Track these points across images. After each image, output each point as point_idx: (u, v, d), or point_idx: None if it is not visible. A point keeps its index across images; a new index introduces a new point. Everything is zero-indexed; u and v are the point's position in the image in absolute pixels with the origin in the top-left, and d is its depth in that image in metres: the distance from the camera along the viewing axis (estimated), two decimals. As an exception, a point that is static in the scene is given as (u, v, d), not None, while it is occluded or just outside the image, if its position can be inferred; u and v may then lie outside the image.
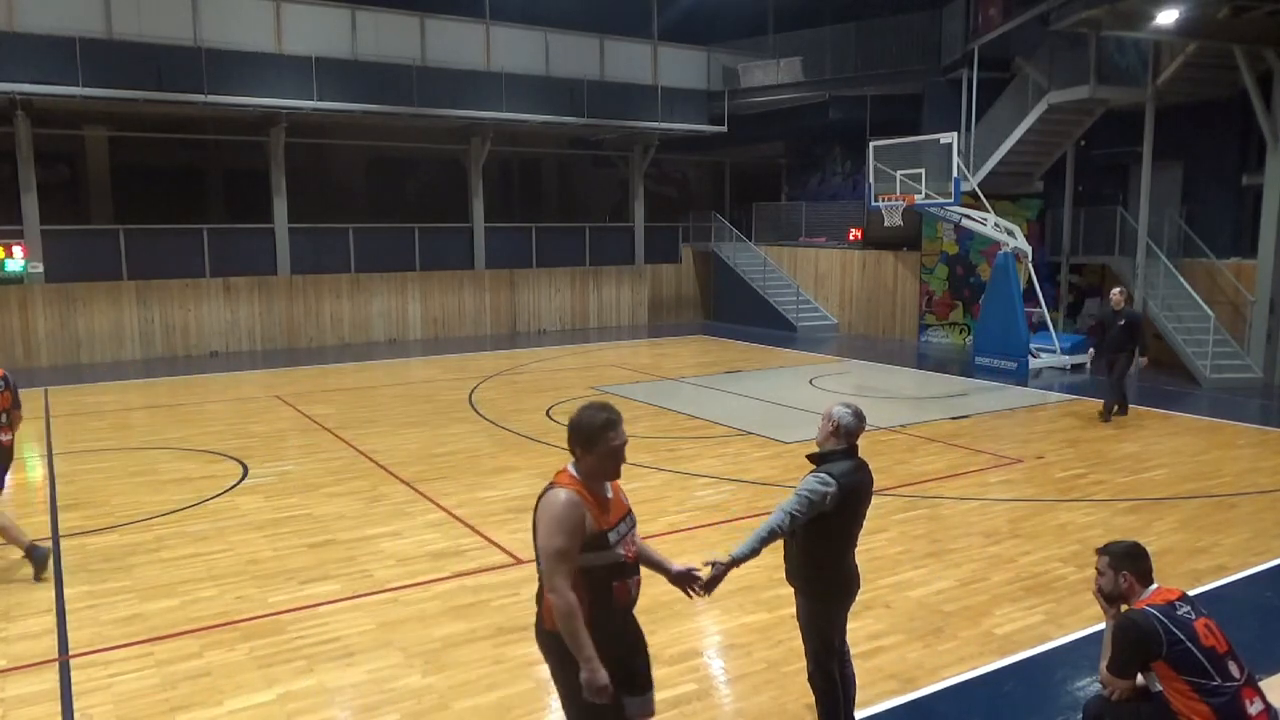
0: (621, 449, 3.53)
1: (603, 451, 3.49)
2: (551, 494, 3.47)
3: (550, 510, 3.42)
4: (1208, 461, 10.14)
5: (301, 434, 11.61)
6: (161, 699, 5.03)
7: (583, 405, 3.62)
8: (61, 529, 7.93)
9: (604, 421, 3.51)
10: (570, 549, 3.38)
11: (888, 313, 21.75)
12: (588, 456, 3.51)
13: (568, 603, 3.34)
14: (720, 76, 23.58)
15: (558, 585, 3.36)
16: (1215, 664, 3.69)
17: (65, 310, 17.69)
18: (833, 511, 4.12)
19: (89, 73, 16.17)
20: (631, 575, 3.62)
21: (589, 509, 3.44)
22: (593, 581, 3.44)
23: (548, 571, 3.40)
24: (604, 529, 3.47)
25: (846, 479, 4.15)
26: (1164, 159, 16.44)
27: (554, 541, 3.37)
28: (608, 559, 3.48)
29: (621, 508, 3.64)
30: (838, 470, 4.16)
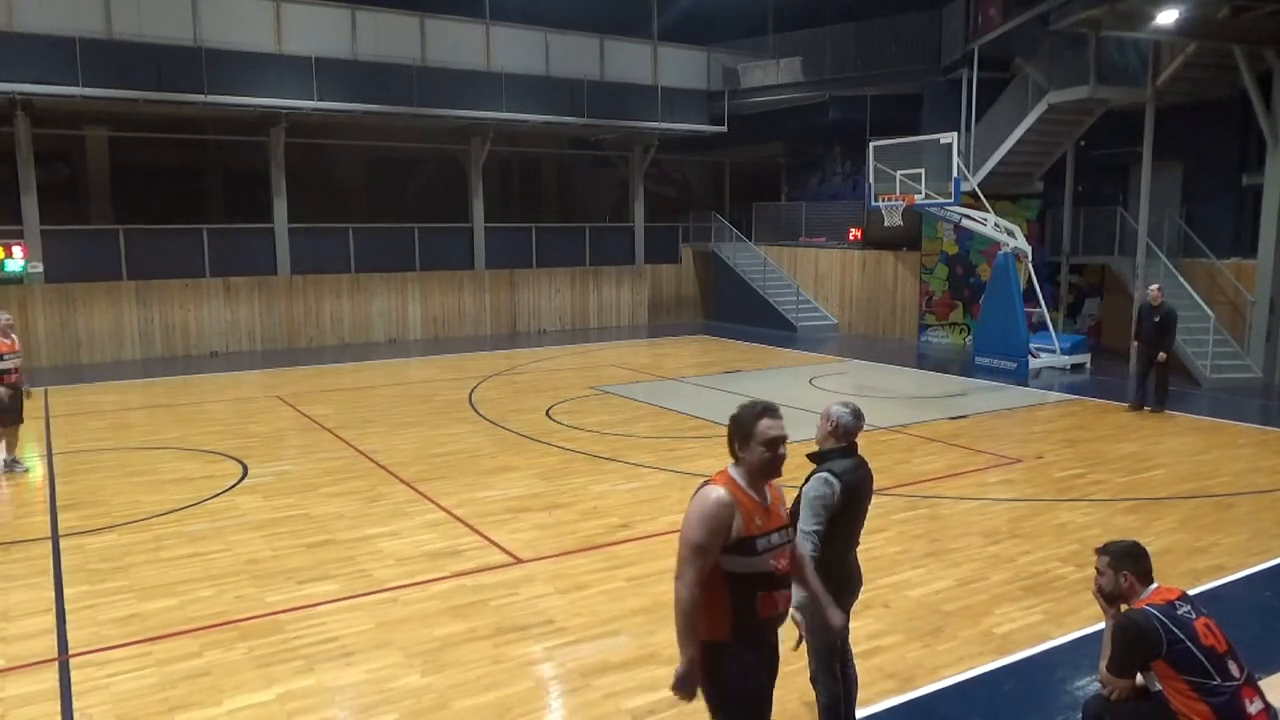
0: (777, 440, 3.37)
1: (757, 443, 3.35)
2: (704, 490, 3.37)
3: (698, 505, 3.33)
4: (1207, 461, 10.14)
5: (301, 434, 11.61)
6: (160, 699, 5.03)
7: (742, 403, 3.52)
8: (61, 529, 7.93)
9: (759, 410, 3.40)
10: (709, 546, 3.28)
11: (888, 313, 21.75)
12: (744, 452, 3.39)
13: (690, 595, 3.28)
14: (720, 76, 23.58)
15: (685, 575, 3.30)
16: (1215, 663, 3.69)
17: (65, 310, 17.69)
18: (837, 509, 4.12)
19: (89, 73, 16.17)
20: (780, 589, 3.45)
21: (740, 511, 3.32)
22: (736, 588, 3.33)
23: (681, 561, 3.32)
24: (752, 534, 3.34)
25: (848, 477, 4.15)
26: (1164, 159, 16.44)
27: (693, 535, 3.29)
28: (754, 567, 3.35)
29: (779, 519, 3.49)
30: (839, 469, 4.17)
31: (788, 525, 3.55)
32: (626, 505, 8.52)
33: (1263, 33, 13.96)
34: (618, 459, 10.21)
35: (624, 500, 8.69)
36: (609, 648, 5.63)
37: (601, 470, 9.77)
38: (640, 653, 5.56)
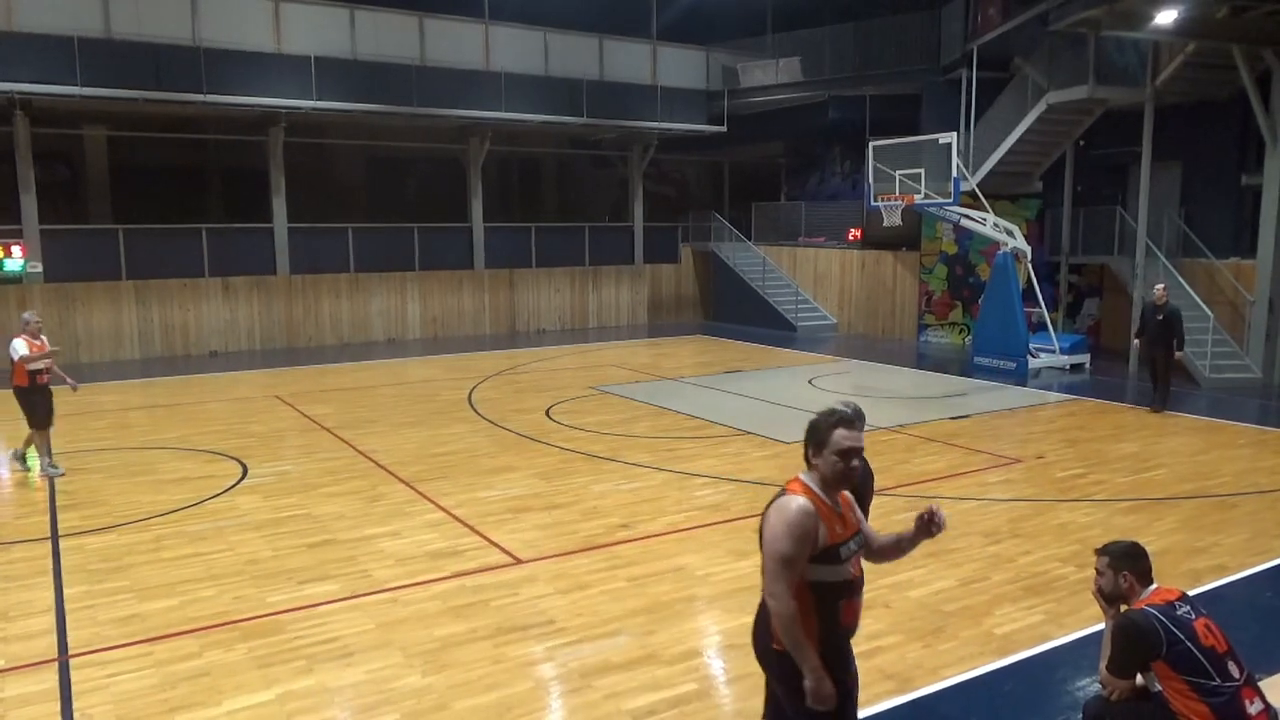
0: (852, 451, 3.34)
1: (831, 452, 3.34)
2: (784, 500, 3.34)
3: (781, 515, 3.28)
4: (1207, 461, 10.15)
5: (301, 434, 11.60)
6: (161, 699, 5.03)
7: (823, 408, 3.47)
8: (61, 529, 7.92)
9: (837, 419, 3.37)
10: (797, 557, 3.25)
11: (887, 313, 21.76)
12: (817, 460, 3.38)
13: (789, 609, 3.23)
14: (719, 76, 23.58)
15: (778, 592, 3.24)
16: (1215, 664, 3.69)
17: (64, 310, 17.67)
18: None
19: (88, 72, 16.16)
20: (858, 595, 3.48)
21: (823, 520, 3.31)
22: (821, 598, 3.32)
23: (771, 577, 3.27)
24: (836, 542, 3.34)
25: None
26: (1163, 159, 16.45)
27: (780, 546, 3.24)
28: (838, 575, 3.36)
29: (853, 525, 3.49)
30: None
31: (859, 531, 3.53)
32: (627, 505, 8.52)
33: (1261, 33, 13.97)
34: (617, 459, 10.21)
35: (624, 500, 8.69)
36: (610, 648, 5.63)
37: (601, 470, 9.77)
38: (641, 653, 5.56)
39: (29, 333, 9.64)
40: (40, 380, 9.59)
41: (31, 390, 9.56)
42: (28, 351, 9.46)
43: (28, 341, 9.55)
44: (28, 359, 9.46)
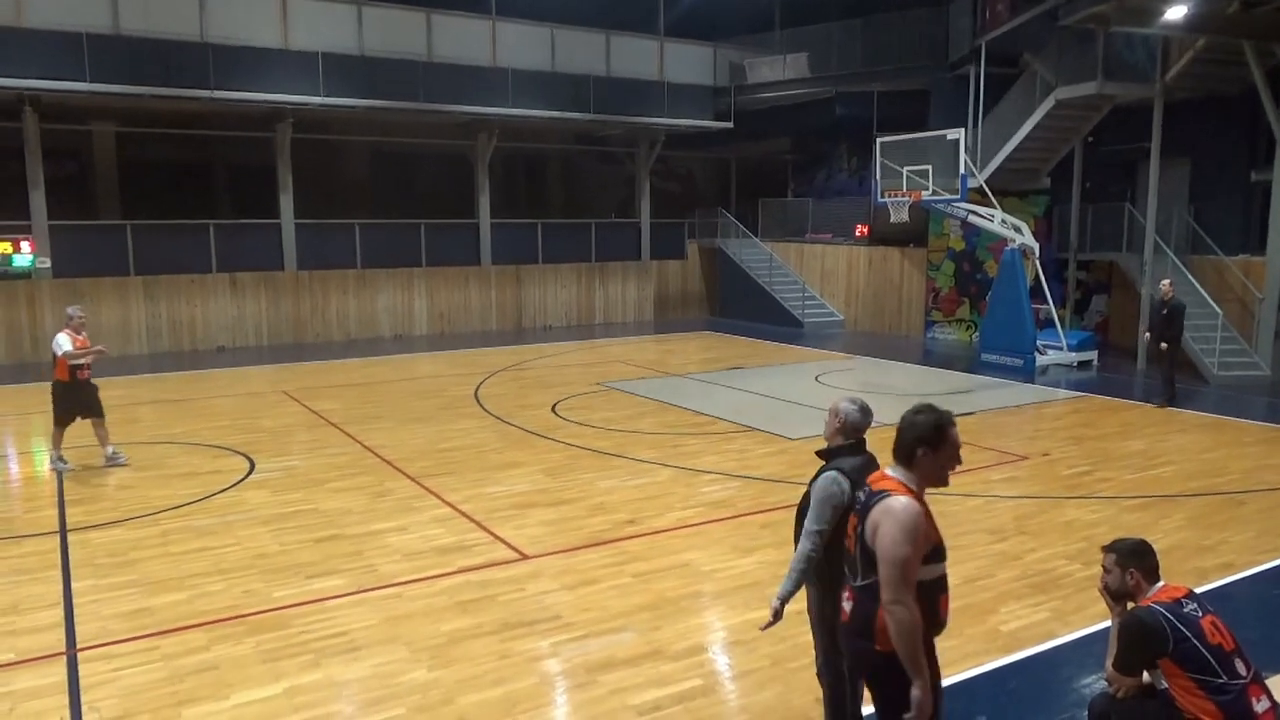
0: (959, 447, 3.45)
1: (950, 451, 3.41)
2: (893, 501, 3.33)
3: (896, 519, 3.28)
4: (1215, 459, 10.11)
5: (308, 429, 11.64)
6: (168, 692, 5.05)
7: (910, 409, 3.52)
8: (68, 523, 7.96)
9: (949, 417, 3.43)
10: (916, 560, 3.28)
11: (894, 309, 21.72)
12: (932, 457, 3.40)
13: (915, 617, 3.25)
14: (726, 72, 23.54)
15: (905, 599, 3.24)
16: (1221, 661, 3.68)
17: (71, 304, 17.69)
18: (846, 508, 4.10)
19: (96, 68, 16.20)
20: (948, 589, 3.57)
21: (927, 518, 3.37)
22: (925, 595, 3.35)
23: (895, 583, 3.25)
24: (939, 541, 3.41)
25: (856, 475, 4.13)
26: (1172, 155, 16.38)
27: (902, 552, 3.24)
28: (939, 571, 3.44)
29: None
30: (847, 466, 4.14)
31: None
32: (633, 501, 8.53)
33: (1272, 28, 13.89)
34: (623, 455, 10.22)
35: (630, 496, 8.69)
36: (615, 643, 5.64)
37: (607, 466, 9.78)
38: (647, 649, 5.57)
39: (72, 327, 9.58)
40: (81, 376, 9.56)
41: (72, 385, 9.50)
42: (71, 347, 9.41)
43: (71, 336, 9.51)
44: (71, 355, 9.42)
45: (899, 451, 3.47)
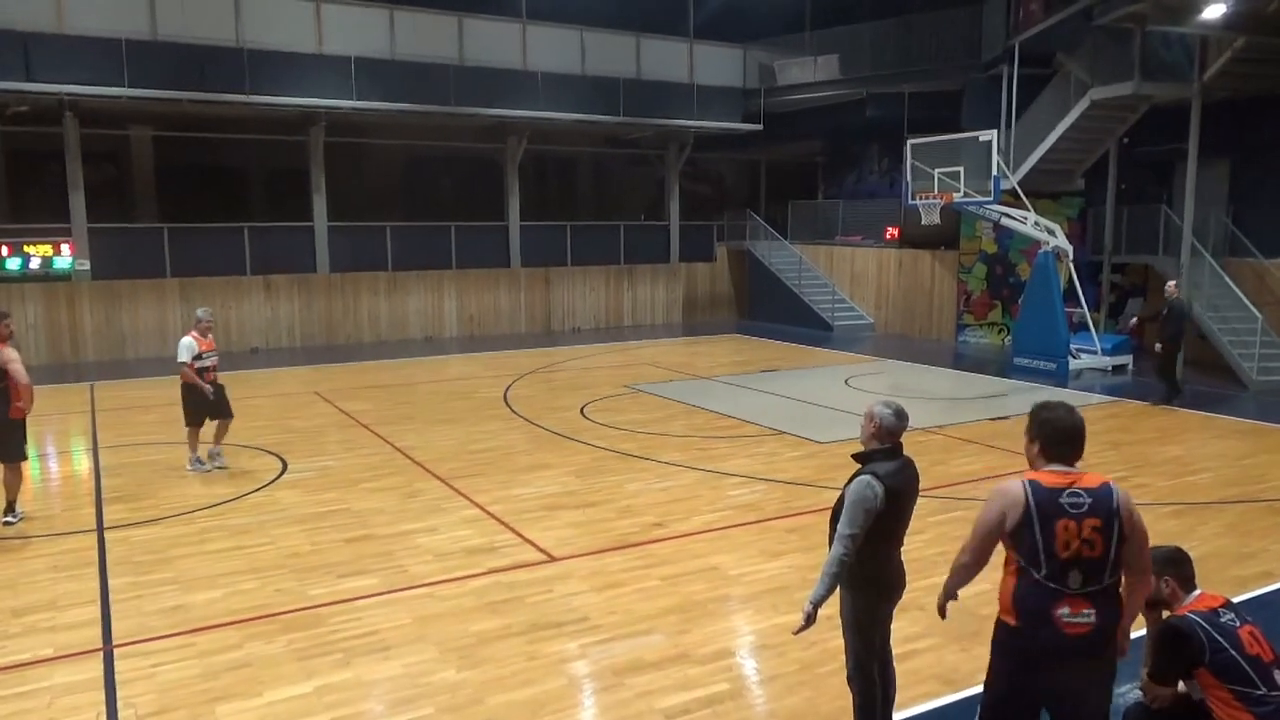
0: None
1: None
2: (1126, 493, 3.58)
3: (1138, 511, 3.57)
4: (1254, 465, 9.93)
5: (340, 430, 11.76)
6: (203, 689, 5.12)
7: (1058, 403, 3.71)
8: (106, 521, 8.10)
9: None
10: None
11: (925, 312, 21.54)
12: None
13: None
14: (756, 74, 23.48)
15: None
16: (1260, 672, 3.62)
17: (111, 307, 18.05)
18: (879, 512, 4.09)
19: (134, 73, 16.49)
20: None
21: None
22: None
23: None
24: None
25: (890, 479, 4.11)
26: (1210, 156, 16.09)
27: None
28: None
29: None
30: (882, 470, 4.12)
31: None
32: (660, 504, 8.53)
33: (1314, 27, 13.64)
34: (651, 458, 10.22)
35: (658, 499, 8.69)
36: (642, 646, 5.64)
37: (635, 469, 9.79)
38: (674, 652, 5.56)
39: (199, 330, 9.61)
40: (207, 378, 9.57)
41: (197, 387, 9.49)
42: (189, 354, 9.43)
43: (197, 339, 9.53)
44: (196, 357, 9.45)
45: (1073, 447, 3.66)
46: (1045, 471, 3.57)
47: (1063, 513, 3.46)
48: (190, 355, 9.44)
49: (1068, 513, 3.47)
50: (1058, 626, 3.47)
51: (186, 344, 9.49)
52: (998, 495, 3.57)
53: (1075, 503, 3.48)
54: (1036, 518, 3.46)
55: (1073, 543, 3.45)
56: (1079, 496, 3.48)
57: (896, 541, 4.29)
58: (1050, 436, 3.61)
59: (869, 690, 4.33)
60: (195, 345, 9.49)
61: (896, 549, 4.30)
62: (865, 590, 4.27)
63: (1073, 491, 3.49)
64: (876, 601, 4.30)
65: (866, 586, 4.26)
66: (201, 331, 9.61)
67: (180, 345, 9.53)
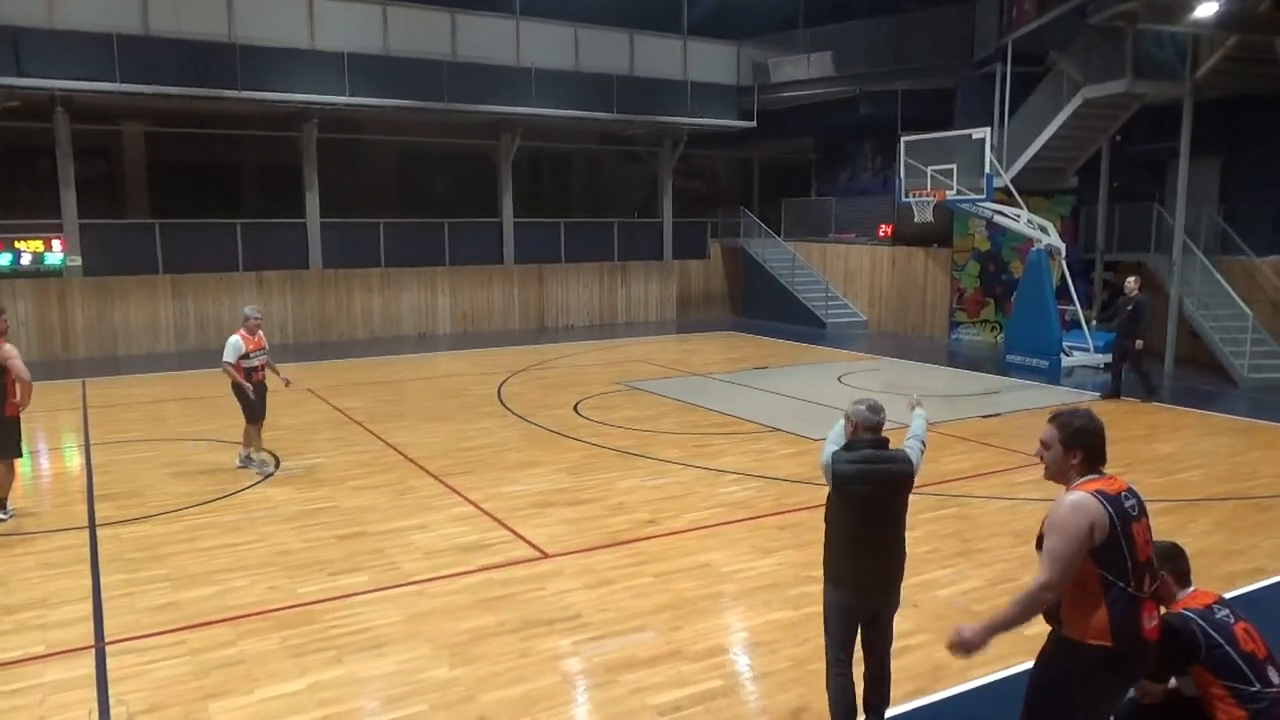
0: None
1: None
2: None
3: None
4: (1245, 462, 9.97)
5: (332, 427, 11.73)
6: (195, 686, 5.11)
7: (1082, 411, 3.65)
8: (98, 518, 8.08)
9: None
10: None
11: (918, 310, 21.58)
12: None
13: None
14: (750, 71, 23.48)
15: None
16: (1255, 669, 3.63)
17: (102, 303, 17.98)
18: (832, 492, 4.28)
19: (126, 69, 16.42)
20: None
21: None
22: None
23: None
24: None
25: (843, 464, 4.26)
26: (1202, 154, 16.15)
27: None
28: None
29: None
30: (843, 455, 4.30)
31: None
32: (653, 501, 8.53)
33: (1306, 26, 13.69)
34: (645, 455, 10.22)
35: (650, 496, 8.70)
36: (635, 643, 5.64)
37: (628, 466, 9.79)
38: (666, 649, 5.57)
39: (247, 328, 9.44)
40: (255, 378, 9.42)
41: (242, 387, 9.35)
42: (237, 352, 9.27)
43: (245, 337, 9.37)
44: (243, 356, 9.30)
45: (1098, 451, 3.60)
46: (1095, 480, 3.48)
47: (1130, 518, 3.43)
48: (236, 354, 9.26)
49: (1133, 517, 3.44)
50: (1147, 638, 3.44)
51: (233, 343, 9.30)
52: (1078, 511, 3.38)
53: (1133, 505, 3.48)
54: (1120, 528, 3.38)
55: (1145, 547, 3.48)
56: (1132, 499, 3.49)
57: (856, 539, 4.31)
58: (1092, 445, 3.55)
59: (831, 686, 4.42)
60: (242, 344, 9.30)
61: (866, 548, 4.32)
62: (831, 584, 4.41)
63: (1127, 495, 3.48)
64: (841, 597, 4.37)
65: (833, 580, 4.40)
66: (250, 330, 9.41)
67: (227, 344, 9.34)
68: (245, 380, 9.33)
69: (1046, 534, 3.48)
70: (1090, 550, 3.35)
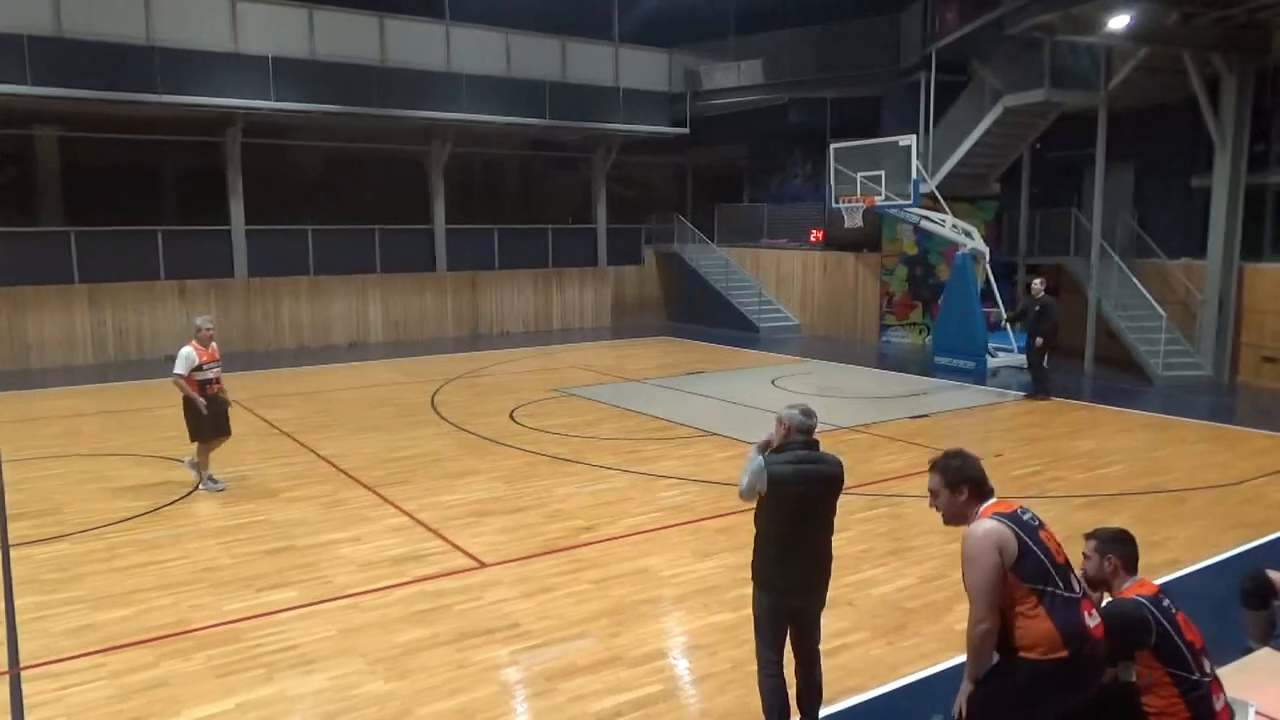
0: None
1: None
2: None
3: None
4: (1160, 457, 10.35)
5: (259, 439, 11.44)
6: (116, 710, 4.92)
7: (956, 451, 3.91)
8: (10, 538, 7.73)
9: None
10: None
11: (849, 313, 21.92)
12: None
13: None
14: (682, 78, 23.63)
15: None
16: (1194, 658, 3.73)
17: (13, 314, 17.25)
18: (766, 495, 4.28)
19: (38, 71, 15.78)
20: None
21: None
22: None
23: None
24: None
25: (777, 465, 4.28)
26: (1117, 161, 16.76)
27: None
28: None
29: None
30: (770, 458, 4.32)
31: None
32: (590, 507, 8.50)
33: (1210, 39, 14.30)
34: (581, 461, 10.18)
35: (587, 503, 8.67)
36: (574, 650, 5.61)
37: (565, 473, 9.74)
38: (606, 655, 5.54)
39: (200, 339, 8.97)
40: (210, 390, 8.96)
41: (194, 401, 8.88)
42: (186, 366, 8.81)
43: (197, 349, 8.91)
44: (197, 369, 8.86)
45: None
46: (989, 505, 3.70)
47: (1032, 528, 3.61)
48: (189, 367, 8.82)
49: (1035, 526, 3.62)
50: (1095, 636, 3.55)
51: (186, 354, 8.87)
52: (982, 539, 3.54)
53: (1031, 518, 3.66)
54: (1026, 538, 3.53)
55: (1058, 551, 3.62)
56: (1028, 513, 3.67)
57: (792, 543, 4.35)
58: (973, 479, 3.78)
59: (763, 682, 4.45)
60: (195, 356, 8.86)
61: (795, 550, 4.37)
62: (760, 585, 4.44)
63: (1022, 510, 3.67)
64: (770, 598, 4.41)
65: (762, 582, 4.43)
66: (202, 341, 8.96)
67: (179, 355, 8.91)
68: (199, 394, 8.90)
69: (964, 571, 3.61)
70: (1007, 570, 3.48)
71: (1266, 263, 15.33)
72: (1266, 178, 15.65)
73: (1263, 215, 15.94)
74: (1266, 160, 15.67)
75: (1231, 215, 14.88)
